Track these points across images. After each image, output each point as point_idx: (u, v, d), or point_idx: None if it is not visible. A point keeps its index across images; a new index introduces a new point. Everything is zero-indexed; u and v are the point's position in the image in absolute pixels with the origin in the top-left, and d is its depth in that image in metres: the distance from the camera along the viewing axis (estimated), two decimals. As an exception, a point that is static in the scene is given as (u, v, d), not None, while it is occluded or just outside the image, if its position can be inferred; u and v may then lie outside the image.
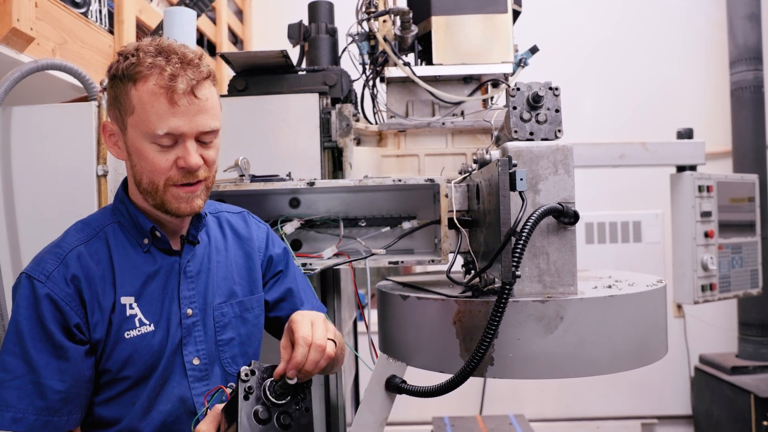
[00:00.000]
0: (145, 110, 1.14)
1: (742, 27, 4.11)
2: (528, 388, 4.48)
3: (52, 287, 1.15)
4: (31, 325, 1.13)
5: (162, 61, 1.14)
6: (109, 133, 1.23)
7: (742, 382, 3.76)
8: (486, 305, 1.30)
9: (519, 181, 1.18)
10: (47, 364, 1.13)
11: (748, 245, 3.23)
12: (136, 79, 1.14)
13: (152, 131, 1.14)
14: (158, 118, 1.14)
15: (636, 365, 1.34)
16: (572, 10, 4.60)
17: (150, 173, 1.18)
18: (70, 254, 1.19)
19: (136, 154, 1.19)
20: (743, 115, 4.13)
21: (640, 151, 3.02)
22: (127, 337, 1.20)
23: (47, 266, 1.17)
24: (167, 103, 1.13)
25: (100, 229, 1.24)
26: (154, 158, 1.17)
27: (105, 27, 2.47)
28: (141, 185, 1.20)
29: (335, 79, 1.91)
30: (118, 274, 1.21)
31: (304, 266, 1.61)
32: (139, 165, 1.19)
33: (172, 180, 1.18)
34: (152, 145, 1.16)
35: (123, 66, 1.16)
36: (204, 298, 1.30)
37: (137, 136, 1.17)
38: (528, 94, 1.36)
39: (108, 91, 1.22)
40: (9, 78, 1.64)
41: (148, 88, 1.14)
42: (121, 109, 1.18)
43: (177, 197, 1.20)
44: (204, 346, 1.29)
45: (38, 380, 1.12)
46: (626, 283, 1.49)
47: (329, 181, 1.67)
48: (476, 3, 2.04)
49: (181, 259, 1.29)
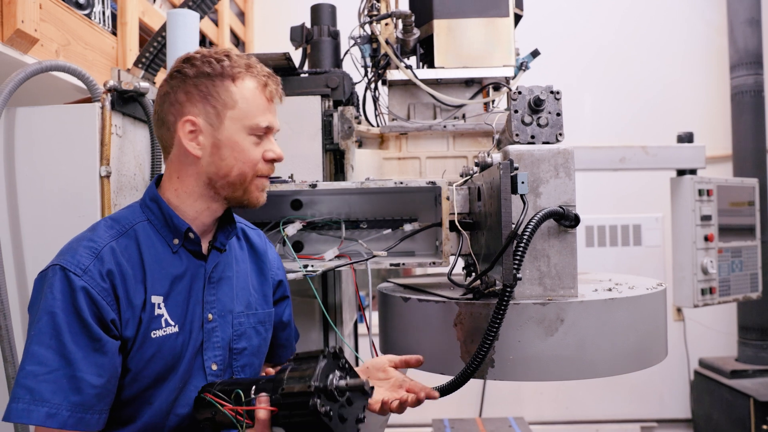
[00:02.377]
0: (249, 105, 1.23)
1: (743, 31, 4.12)
2: (527, 391, 4.48)
3: (89, 281, 1.12)
4: (69, 318, 1.10)
5: (249, 61, 1.26)
6: (191, 129, 1.24)
7: (742, 386, 3.76)
8: (487, 307, 1.30)
9: (520, 184, 1.19)
10: (85, 358, 1.10)
11: (747, 249, 3.23)
12: (235, 77, 1.23)
13: (256, 124, 1.23)
14: (261, 112, 1.24)
15: (636, 368, 1.35)
16: (574, 14, 4.61)
17: (243, 164, 1.23)
18: (104, 249, 1.17)
19: (229, 147, 1.23)
20: (743, 119, 4.14)
21: (640, 155, 3.03)
22: (153, 336, 1.19)
23: (83, 260, 1.14)
24: (265, 100, 1.25)
25: (129, 227, 1.24)
26: (250, 150, 1.24)
27: (108, 29, 2.48)
28: (228, 177, 1.23)
29: (337, 81, 1.92)
30: (149, 273, 1.21)
31: (305, 267, 1.61)
32: (231, 157, 1.23)
33: (259, 171, 1.26)
34: (250, 137, 1.23)
35: (218, 66, 1.23)
36: (223, 305, 1.31)
37: (236, 129, 1.23)
38: (529, 97, 1.37)
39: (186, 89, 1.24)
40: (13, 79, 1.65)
41: (250, 86, 1.23)
42: (218, 105, 1.22)
43: (259, 187, 1.27)
44: (220, 352, 1.29)
45: (75, 374, 1.09)
46: (626, 286, 1.49)
47: (331, 183, 1.68)
48: (478, 6, 2.05)
49: (207, 264, 1.30)
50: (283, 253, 1.69)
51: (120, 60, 2.51)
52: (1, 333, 1.61)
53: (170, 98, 1.25)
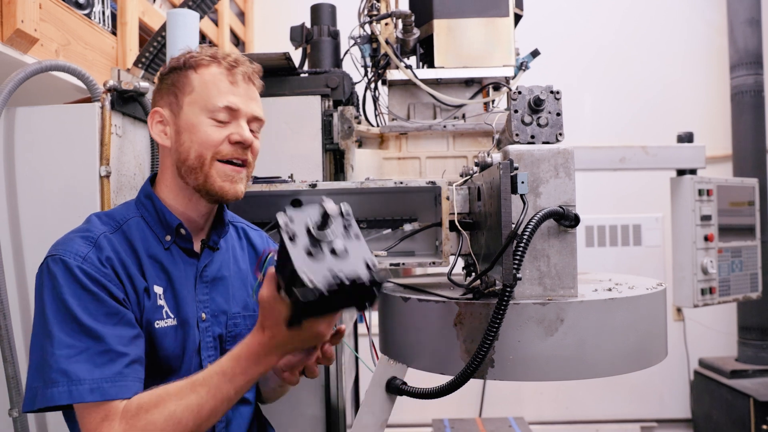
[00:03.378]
0: (207, 87, 1.22)
1: (743, 31, 4.12)
2: (527, 391, 4.48)
3: (89, 267, 1.12)
4: (80, 301, 1.10)
5: (221, 55, 1.26)
6: (158, 120, 1.26)
7: (742, 386, 3.76)
8: (487, 307, 1.30)
9: (520, 184, 1.19)
10: (109, 332, 1.10)
11: (747, 249, 3.23)
12: (198, 66, 1.24)
13: (212, 103, 1.21)
14: (219, 93, 1.22)
15: (635, 368, 1.34)
16: (574, 14, 4.61)
17: (199, 146, 1.21)
18: (100, 238, 1.17)
19: (188, 131, 1.22)
20: (743, 119, 4.14)
21: (640, 155, 3.03)
22: (156, 326, 1.19)
23: (80, 249, 1.14)
24: (228, 83, 1.23)
25: (123, 222, 1.24)
26: (207, 131, 1.21)
27: (108, 28, 2.48)
28: (187, 162, 1.22)
29: (337, 81, 1.92)
30: (145, 265, 1.21)
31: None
32: (188, 140, 1.22)
33: (220, 154, 1.22)
34: (208, 120, 1.22)
35: (183, 58, 1.25)
36: (217, 305, 1.30)
37: (194, 113, 1.22)
38: (529, 97, 1.37)
39: (158, 86, 1.28)
40: (13, 79, 1.65)
41: (211, 71, 1.23)
42: (178, 93, 1.24)
43: (222, 174, 1.23)
44: (213, 352, 1.28)
45: (105, 348, 1.09)
46: (626, 286, 1.49)
47: (331, 183, 1.68)
48: (478, 6, 2.05)
49: (199, 263, 1.29)
50: (283, 253, 1.68)
51: (120, 60, 2.51)
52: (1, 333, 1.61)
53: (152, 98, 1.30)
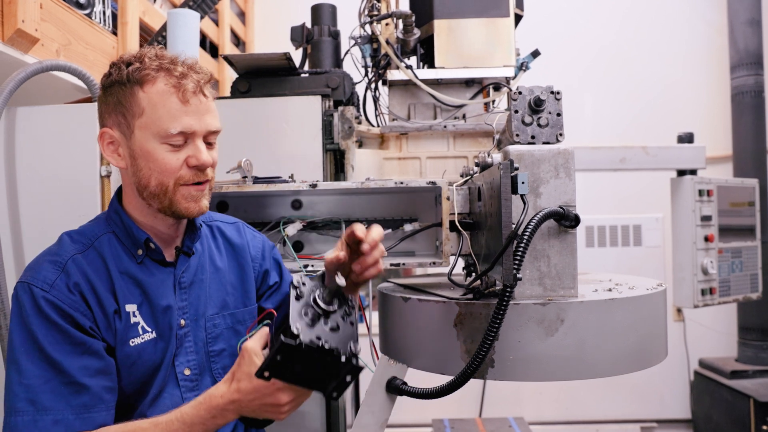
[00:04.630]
0: (156, 110, 1.14)
1: (743, 32, 4.12)
2: (527, 391, 4.48)
3: (56, 295, 1.12)
4: (45, 330, 1.10)
5: (167, 62, 1.17)
6: (108, 140, 1.20)
7: (742, 387, 3.76)
8: (487, 308, 1.30)
9: (521, 185, 1.19)
10: (73, 363, 1.11)
11: (748, 249, 3.23)
12: (144, 81, 1.15)
13: (165, 130, 1.14)
14: (171, 117, 1.14)
15: (636, 368, 1.34)
16: (574, 15, 4.61)
17: (159, 174, 1.17)
18: (68, 262, 1.16)
19: (143, 157, 1.17)
20: (744, 120, 4.14)
21: (640, 155, 3.03)
22: (131, 344, 1.19)
23: (48, 275, 1.14)
24: (179, 102, 1.14)
25: (94, 239, 1.22)
26: (164, 158, 1.16)
27: (109, 28, 2.48)
28: (148, 188, 1.18)
29: (338, 81, 1.92)
30: (117, 284, 1.19)
31: (306, 267, 1.61)
32: (146, 168, 1.17)
33: (182, 179, 1.18)
34: (163, 146, 1.16)
35: (127, 71, 1.15)
36: (196, 309, 1.30)
37: (146, 138, 1.15)
38: (530, 97, 1.37)
39: (104, 99, 1.20)
40: (14, 79, 1.65)
41: (158, 89, 1.15)
42: (127, 113, 1.16)
43: (187, 196, 1.19)
44: (194, 356, 1.28)
45: (69, 380, 1.10)
46: (626, 286, 1.49)
47: (331, 183, 1.68)
48: (478, 7, 2.05)
49: (176, 270, 1.28)
50: (284, 253, 1.69)
51: (120, 60, 2.51)
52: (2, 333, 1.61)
53: (98, 105, 1.22)
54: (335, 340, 1.10)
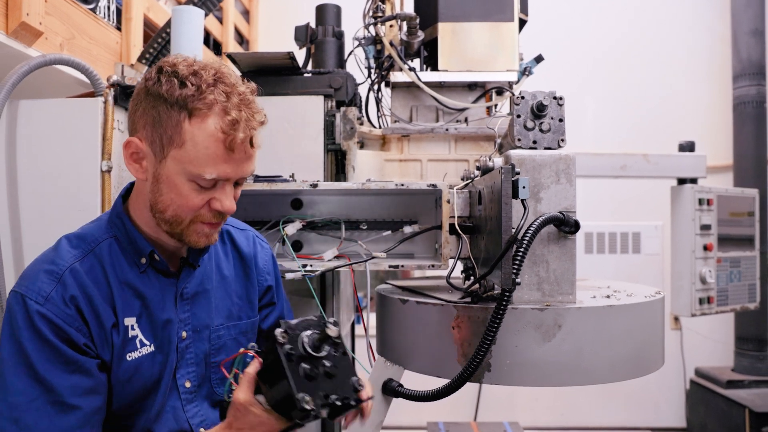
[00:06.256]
0: (198, 151, 1.06)
1: (746, 42, 4.13)
2: (523, 396, 4.48)
3: (51, 309, 1.06)
4: (36, 346, 1.05)
5: (223, 98, 1.06)
6: (133, 151, 1.12)
7: (738, 396, 3.76)
8: (485, 311, 1.30)
9: (521, 189, 1.19)
10: (63, 382, 1.05)
11: (746, 259, 3.23)
12: (193, 114, 1.06)
13: (199, 174, 1.07)
14: (210, 163, 1.07)
15: (632, 376, 1.34)
16: (578, 21, 4.62)
17: (178, 208, 1.11)
18: (65, 273, 1.10)
19: (167, 185, 1.10)
20: (745, 130, 4.14)
21: (641, 163, 3.03)
22: (128, 359, 1.14)
23: (44, 287, 1.08)
24: (224, 150, 1.06)
25: (95, 245, 1.15)
26: (189, 195, 1.10)
27: (113, 23, 2.48)
28: (163, 214, 1.12)
29: (341, 82, 1.92)
30: (117, 295, 1.14)
31: (304, 267, 1.61)
32: (167, 196, 1.11)
33: (200, 218, 1.13)
34: (190, 183, 1.09)
35: (179, 94, 1.05)
36: (199, 320, 1.26)
37: (177, 171, 1.08)
38: (532, 102, 1.37)
39: (142, 105, 1.10)
40: (17, 72, 1.65)
41: (207, 130, 1.06)
42: (164, 137, 1.07)
43: (200, 232, 1.15)
44: (195, 368, 1.25)
45: (57, 399, 1.05)
46: (624, 293, 1.49)
47: (332, 183, 1.68)
48: (483, 11, 2.05)
49: (179, 282, 1.22)
50: (283, 253, 1.68)
51: (124, 55, 2.51)
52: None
53: (133, 105, 1.13)
54: (340, 389, 1.09)
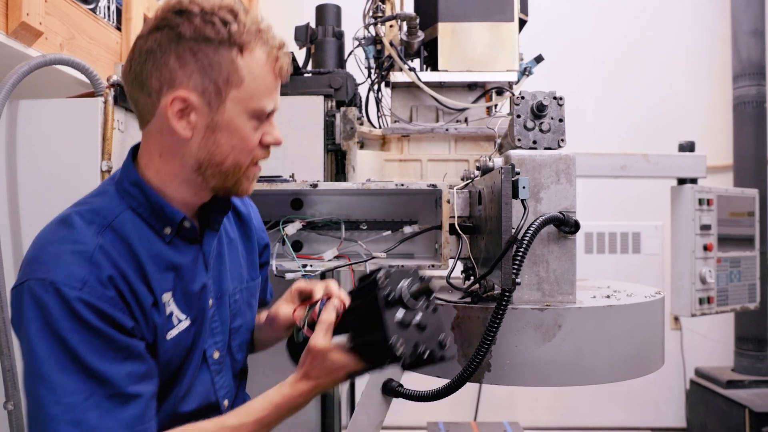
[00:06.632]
0: (257, 85, 1.04)
1: (746, 42, 4.13)
2: (523, 396, 4.48)
3: (92, 293, 0.96)
4: (82, 337, 0.94)
5: (255, 26, 1.05)
6: (180, 107, 1.02)
7: (738, 396, 3.76)
8: (485, 311, 1.30)
9: (521, 189, 1.19)
10: (118, 371, 0.97)
11: (746, 259, 3.23)
12: (244, 46, 1.02)
13: (262, 108, 1.05)
14: (267, 94, 1.05)
15: (632, 376, 1.35)
16: (578, 21, 4.61)
17: (240, 152, 1.06)
18: (96, 252, 0.99)
19: (227, 132, 1.04)
20: (745, 130, 4.14)
21: (641, 163, 3.03)
22: (168, 338, 1.07)
23: (77, 270, 0.96)
24: (273, 78, 1.06)
25: (112, 219, 1.04)
26: (249, 136, 1.06)
27: (113, 24, 2.48)
28: (221, 166, 1.06)
29: (341, 82, 1.92)
30: (149, 271, 1.05)
31: (304, 267, 1.61)
32: (227, 144, 1.05)
33: (256, 158, 1.11)
34: (251, 122, 1.06)
35: (225, 31, 1.01)
36: (219, 286, 1.20)
37: (238, 113, 1.04)
38: (532, 102, 1.37)
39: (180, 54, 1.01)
40: (17, 72, 1.65)
41: (258, 59, 1.03)
42: (219, 80, 1.01)
43: (251, 176, 1.12)
44: (221, 337, 1.19)
45: (115, 391, 0.96)
46: (624, 293, 1.49)
47: (332, 183, 1.68)
48: (483, 11, 2.05)
49: (204, 248, 1.15)
50: (283, 253, 1.68)
51: (124, 55, 2.51)
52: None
53: (156, 58, 1.02)
54: (429, 342, 1.08)
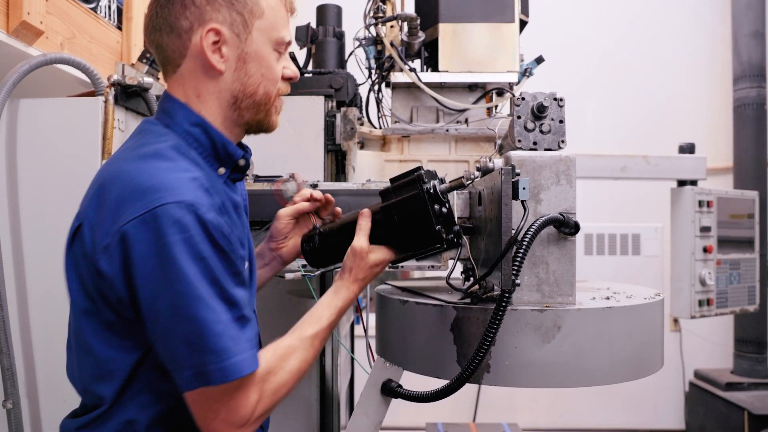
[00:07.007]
0: (276, 15, 1.13)
1: (747, 44, 4.13)
2: (522, 397, 4.48)
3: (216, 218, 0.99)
4: (216, 260, 0.98)
5: None
6: (214, 40, 1.08)
7: (737, 399, 3.76)
8: (484, 312, 1.30)
9: (521, 190, 1.19)
10: (238, 294, 1.00)
11: (746, 261, 3.23)
12: None
13: (282, 37, 1.13)
14: (283, 26, 1.14)
15: (631, 377, 1.34)
16: (579, 23, 4.62)
17: (268, 82, 1.13)
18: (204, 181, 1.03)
19: (257, 62, 1.12)
20: (745, 132, 4.15)
21: (641, 164, 3.03)
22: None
23: (201, 195, 0.99)
24: (286, 12, 1.16)
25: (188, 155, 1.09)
26: (274, 66, 1.14)
27: (114, 23, 2.48)
28: (253, 97, 1.13)
29: (341, 82, 1.92)
30: (226, 206, 1.09)
31: (304, 267, 1.61)
32: (257, 74, 1.12)
33: (280, 91, 1.17)
34: (274, 53, 1.14)
35: None
36: (244, 232, 1.22)
37: (263, 42, 1.12)
38: (533, 104, 1.37)
39: None
40: (17, 71, 1.65)
41: None
42: (245, 11, 1.09)
43: (278, 108, 1.19)
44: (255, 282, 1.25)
45: (240, 314, 0.99)
46: (624, 295, 1.49)
47: (332, 183, 1.68)
48: (484, 12, 2.05)
49: (241, 190, 1.21)
50: (282, 253, 1.68)
51: (124, 55, 2.51)
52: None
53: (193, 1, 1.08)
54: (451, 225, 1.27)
